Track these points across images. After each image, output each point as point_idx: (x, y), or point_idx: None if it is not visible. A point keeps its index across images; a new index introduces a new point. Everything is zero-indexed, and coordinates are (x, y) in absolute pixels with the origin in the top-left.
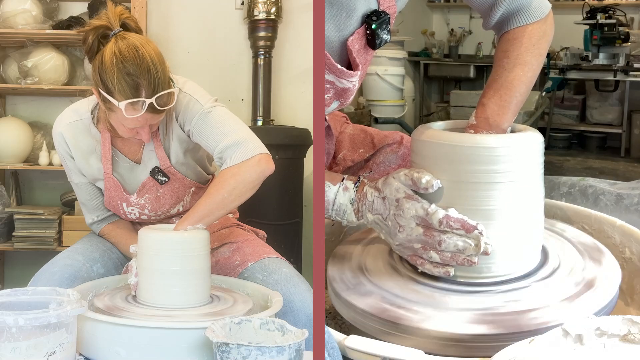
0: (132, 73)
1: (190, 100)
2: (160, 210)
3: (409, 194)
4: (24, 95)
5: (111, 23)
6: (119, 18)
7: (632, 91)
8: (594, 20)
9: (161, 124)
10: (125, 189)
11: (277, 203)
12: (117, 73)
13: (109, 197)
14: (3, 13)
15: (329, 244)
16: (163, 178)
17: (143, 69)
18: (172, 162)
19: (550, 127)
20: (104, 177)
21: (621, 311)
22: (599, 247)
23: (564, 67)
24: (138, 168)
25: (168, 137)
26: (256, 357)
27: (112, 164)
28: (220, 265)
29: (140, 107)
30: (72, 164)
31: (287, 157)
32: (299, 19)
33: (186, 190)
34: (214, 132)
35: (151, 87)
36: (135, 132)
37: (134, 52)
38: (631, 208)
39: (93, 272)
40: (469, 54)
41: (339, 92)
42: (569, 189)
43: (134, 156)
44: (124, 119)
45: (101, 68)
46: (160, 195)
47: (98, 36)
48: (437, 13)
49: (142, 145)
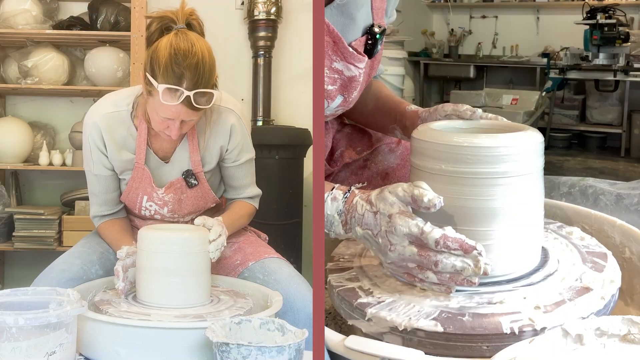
0: (180, 62)
1: (243, 137)
2: (178, 213)
3: (403, 210)
4: (24, 95)
5: (177, 18)
6: (186, 16)
7: (632, 91)
8: (594, 20)
9: (202, 131)
10: (154, 179)
11: (277, 203)
12: (167, 58)
13: (132, 189)
14: (3, 13)
15: (329, 244)
16: (194, 181)
17: (191, 63)
18: (205, 170)
19: (550, 127)
20: (135, 167)
21: (621, 311)
22: (604, 253)
23: (564, 67)
24: (164, 167)
25: (207, 146)
26: (256, 357)
27: (144, 156)
28: (221, 265)
29: (177, 97)
30: (97, 155)
31: (287, 157)
32: (299, 19)
33: (207, 203)
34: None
35: (193, 81)
36: (166, 126)
37: (189, 45)
38: (631, 208)
39: (91, 274)
40: (469, 54)
41: (345, 82)
42: (569, 189)
43: (162, 154)
44: (160, 105)
45: (154, 51)
46: (183, 199)
47: (162, 26)
48: (437, 13)
49: (175, 146)
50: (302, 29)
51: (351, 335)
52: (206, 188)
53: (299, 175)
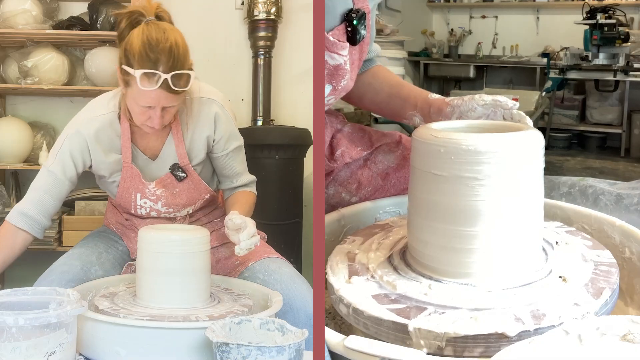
0: (153, 48)
1: (228, 126)
2: (172, 207)
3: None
4: (24, 95)
5: (146, 11)
6: (154, 9)
7: (632, 91)
8: (594, 20)
9: (185, 123)
10: (144, 177)
11: (277, 203)
12: (140, 46)
13: (124, 189)
14: (3, 13)
15: (329, 244)
16: (182, 174)
17: (165, 47)
18: (192, 163)
19: (550, 127)
20: (123, 166)
21: (621, 311)
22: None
23: (564, 67)
24: (153, 164)
25: (193, 139)
26: (256, 357)
27: (131, 154)
28: (221, 265)
29: (155, 82)
30: (63, 158)
31: (287, 157)
32: (299, 19)
33: (201, 194)
34: (238, 167)
35: (169, 64)
36: (148, 117)
37: (161, 33)
38: (631, 208)
39: (91, 274)
40: (469, 54)
41: (331, 71)
42: (569, 189)
43: (150, 152)
44: (139, 94)
45: (127, 43)
46: (176, 193)
47: (131, 21)
48: (437, 13)
49: (162, 143)
50: (302, 29)
51: (351, 335)
52: (196, 180)
53: (299, 175)
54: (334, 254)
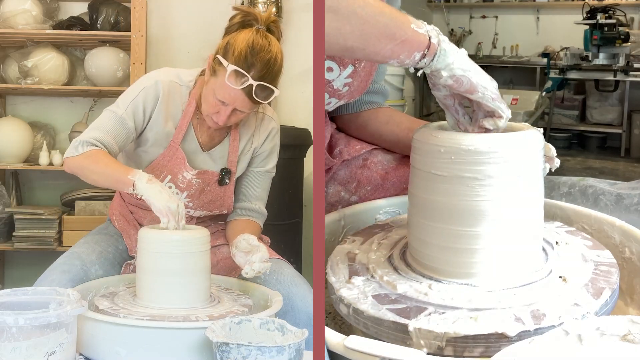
0: (254, 53)
1: (275, 146)
2: (193, 202)
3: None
4: (24, 95)
5: (259, 19)
6: (269, 21)
7: (632, 91)
8: (594, 20)
9: (244, 135)
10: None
11: (277, 203)
12: (244, 46)
13: (157, 165)
14: (3, 13)
15: (329, 244)
16: (227, 181)
17: (264, 57)
18: (236, 175)
19: (550, 127)
20: (170, 145)
21: (621, 311)
22: (608, 263)
23: (564, 67)
24: (201, 155)
25: (244, 151)
26: (256, 357)
27: (183, 136)
28: (222, 265)
29: (241, 83)
30: (136, 108)
31: (287, 157)
32: (299, 19)
33: (222, 207)
34: (259, 190)
35: (261, 73)
36: (217, 111)
37: (266, 43)
38: (631, 208)
39: (91, 274)
40: (469, 54)
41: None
42: (569, 189)
43: (203, 143)
44: (220, 87)
45: (233, 38)
46: (207, 190)
47: (244, 20)
48: (437, 13)
49: (216, 140)
50: (302, 29)
51: (351, 335)
52: (229, 191)
53: (299, 175)
54: (334, 254)
